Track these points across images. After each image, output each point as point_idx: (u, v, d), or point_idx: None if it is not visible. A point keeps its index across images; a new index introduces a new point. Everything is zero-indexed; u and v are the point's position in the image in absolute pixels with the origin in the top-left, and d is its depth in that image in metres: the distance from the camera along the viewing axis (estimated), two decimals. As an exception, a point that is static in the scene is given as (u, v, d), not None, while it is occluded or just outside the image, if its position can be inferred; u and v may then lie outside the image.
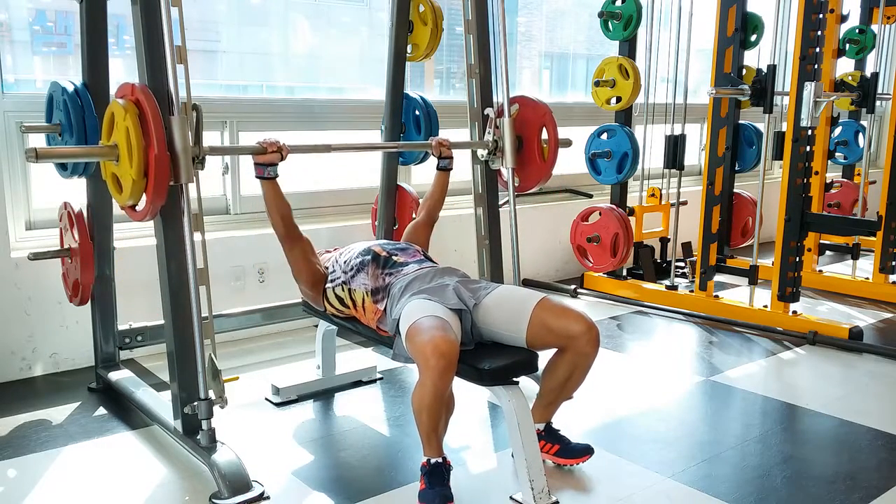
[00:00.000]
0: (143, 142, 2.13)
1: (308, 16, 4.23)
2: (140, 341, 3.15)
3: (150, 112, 2.13)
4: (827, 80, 4.29)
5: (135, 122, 2.13)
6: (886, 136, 4.66)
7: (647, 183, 4.88)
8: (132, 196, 2.19)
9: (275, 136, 2.48)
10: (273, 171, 2.46)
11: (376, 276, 2.50)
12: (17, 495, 2.24)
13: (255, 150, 2.44)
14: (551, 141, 3.08)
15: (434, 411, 2.06)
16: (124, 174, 2.19)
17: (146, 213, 2.23)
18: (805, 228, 3.80)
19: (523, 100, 3.11)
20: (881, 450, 2.63)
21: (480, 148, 3.11)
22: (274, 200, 2.49)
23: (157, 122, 2.13)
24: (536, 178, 3.13)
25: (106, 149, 2.22)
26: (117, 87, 2.28)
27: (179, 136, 2.20)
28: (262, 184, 2.48)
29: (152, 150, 2.12)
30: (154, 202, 2.19)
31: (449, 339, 2.07)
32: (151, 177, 2.14)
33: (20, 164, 3.19)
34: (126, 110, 2.13)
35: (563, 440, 2.44)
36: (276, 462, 2.46)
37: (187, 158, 2.21)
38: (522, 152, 3.11)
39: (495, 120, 3.04)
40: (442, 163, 2.93)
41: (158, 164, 2.13)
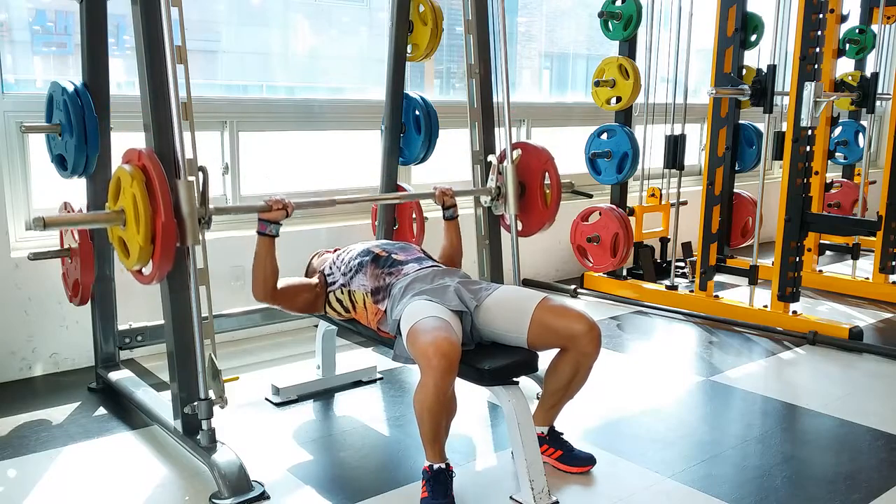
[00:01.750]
0: (150, 209, 2.13)
1: (308, 16, 4.23)
2: (140, 341, 3.15)
3: (157, 179, 2.13)
4: (827, 80, 4.29)
5: (142, 189, 2.12)
6: (886, 136, 4.66)
7: (647, 183, 4.88)
8: (139, 261, 2.20)
9: (280, 195, 2.46)
10: (275, 230, 2.44)
11: (376, 276, 2.50)
12: (17, 495, 2.24)
13: (261, 209, 2.43)
14: (553, 187, 3.10)
15: (436, 413, 2.06)
16: (131, 240, 2.20)
17: (153, 277, 2.24)
18: (805, 228, 3.80)
19: (525, 146, 3.14)
20: (881, 450, 2.63)
21: (483, 195, 3.12)
22: (265, 259, 2.45)
23: (163, 189, 2.13)
24: (539, 223, 3.16)
25: (113, 214, 2.22)
26: (123, 152, 2.27)
27: (186, 200, 2.20)
28: (261, 240, 2.44)
29: (159, 218, 2.12)
30: (161, 267, 2.19)
31: (451, 339, 2.07)
32: (158, 243, 2.14)
33: (20, 164, 3.18)
34: (133, 177, 2.13)
35: (567, 446, 2.44)
36: (276, 462, 2.46)
37: (194, 222, 2.21)
38: (525, 198, 3.13)
39: (498, 166, 3.05)
40: (447, 213, 2.85)
41: (165, 231, 2.13)
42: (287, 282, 2.57)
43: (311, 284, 2.65)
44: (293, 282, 2.61)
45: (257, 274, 2.46)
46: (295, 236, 3.63)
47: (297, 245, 3.40)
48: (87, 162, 2.73)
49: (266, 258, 2.45)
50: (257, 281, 2.47)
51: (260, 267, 2.45)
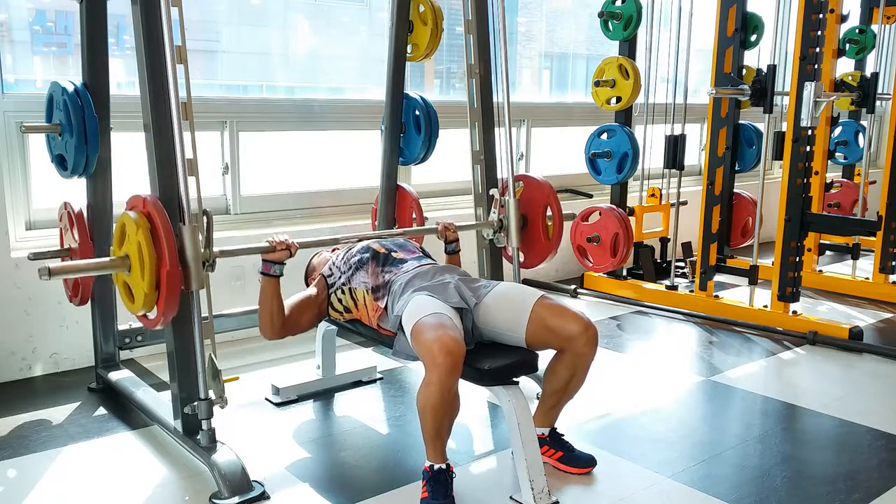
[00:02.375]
0: (154, 256, 2.13)
1: (308, 16, 4.23)
2: (140, 341, 3.15)
3: (162, 226, 2.14)
4: (827, 80, 4.29)
5: (146, 236, 2.13)
6: (886, 136, 4.66)
7: (647, 183, 4.88)
8: (144, 307, 2.20)
9: (283, 235, 2.46)
10: (279, 270, 2.43)
11: (376, 274, 2.50)
12: (17, 495, 2.24)
13: (264, 249, 2.42)
14: (556, 219, 3.11)
15: (439, 411, 2.06)
16: (136, 286, 2.20)
17: (157, 321, 2.24)
18: (805, 228, 3.80)
19: (527, 179, 3.15)
20: (881, 450, 2.63)
21: (486, 228, 3.12)
22: (271, 299, 2.44)
23: (168, 237, 2.13)
24: (541, 255, 3.18)
25: (118, 261, 2.23)
26: (128, 199, 2.27)
27: (190, 245, 2.20)
28: (265, 280, 2.43)
29: (164, 266, 2.13)
30: (166, 313, 2.20)
31: (455, 337, 2.07)
32: (163, 290, 2.15)
33: (20, 164, 3.19)
34: (138, 225, 2.14)
35: (568, 447, 2.44)
36: (276, 462, 2.46)
37: (198, 266, 2.21)
38: (527, 230, 3.15)
39: (500, 199, 3.06)
40: (449, 247, 2.85)
41: (170, 278, 2.14)
42: (290, 305, 2.54)
43: (312, 297, 2.62)
44: (295, 302, 2.58)
45: (264, 313, 2.46)
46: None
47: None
48: (87, 162, 2.73)
49: (272, 299, 2.44)
50: (264, 321, 2.46)
51: (266, 307, 2.45)
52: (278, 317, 2.47)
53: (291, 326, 2.54)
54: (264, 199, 3.91)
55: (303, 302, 2.60)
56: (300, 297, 2.62)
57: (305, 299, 2.61)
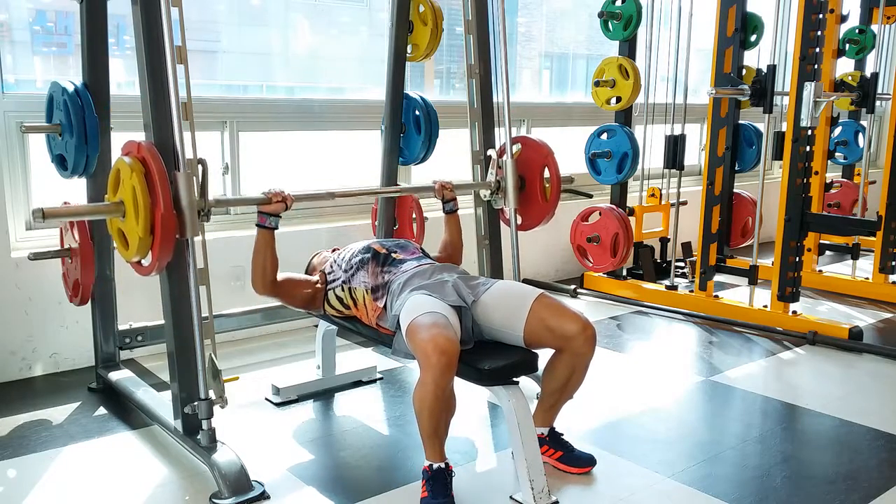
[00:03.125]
0: (149, 200, 2.13)
1: (308, 16, 4.23)
2: (140, 341, 3.15)
3: (156, 170, 2.14)
4: (827, 80, 4.29)
5: (141, 180, 2.13)
6: (886, 136, 4.66)
7: (647, 183, 4.88)
8: (139, 252, 2.20)
9: (279, 187, 2.47)
10: (275, 222, 2.46)
11: (376, 274, 2.51)
12: (17, 495, 2.24)
13: (260, 201, 2.44)
14: (553, 181, 3.10)
15: (435, 411, 2.06)
16: (130, 231, 2.20)
17: (152, 268, 2.24)
18: (805, 228, 3.80)
19: (525, 140, 3.14)
20: (881, 450, 2.63)
21: (483, 189, 3.12)
22: (264, 251, 2.47)
23: (163, 181, 2.13)
24: (539, 217, 3.16)
25: (112, 206, 2.23)
26: (123, 144, 2.27)
27: (185, 192, 2.21)
28: (260, 232, 2.46)
29: (158, 210, 2.13)
30: (160, 258, 2.20)
31: (449, 336, 2.07)
32: (158, 234, 2.15)
33: (20, 164, 3.18)
34: (132, 169, 2.14)
35: (567, 446, 2.44)
36: (276, 462, 2.46)
37: (193, 214, 2.22)
38: (525, 192, 3.14)
39: (497, 160, 3.05)
40: (447, 206, 2.87)
41: (165, 223, 2.14)
42: (287, 276, 2.60)
43: (311, 281, 2.68)
44: (293, 276, 2.64)
45: (256, 266, 2.48)
46: (295, 236, 3.63)
47: (298, 245, 3.41)
48: (88, 162, 2.73)
49: (266, 250, 2.47)
50: (256, 273, 2.49)
51: (259, 259, 2.47)
52: (271, 271, 2.49)
53: (282, 291, 2.57)
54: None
55: (302, 280, 2.66)
56: (302, 275, 2.69)
57: (305, 280, 2.67)
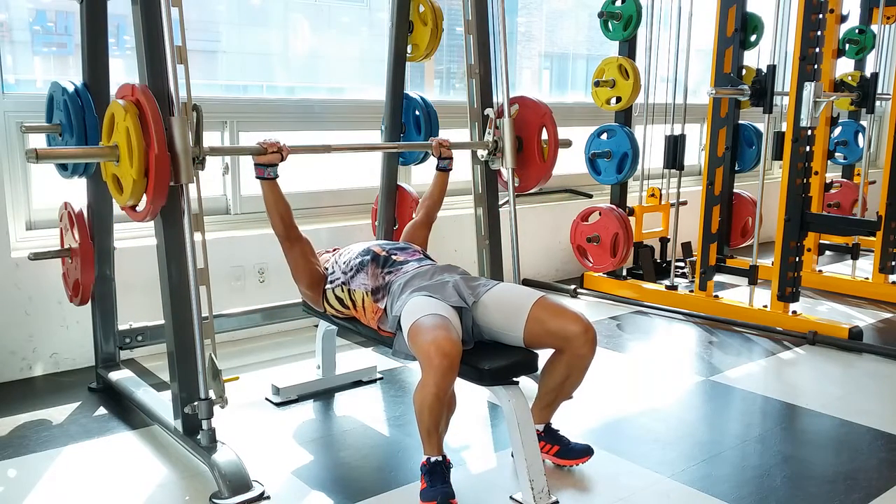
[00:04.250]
0: (143, 142, 2.13)
1: (308, 16, 4.23)
2: (140, 341, 3.15)
3: (151, 112, 2.13)
4: (827, 81, 4.29)
5: (135, 122, 2.13)
6: (886, 136, 4.66)
7: (647, 183, 4.88)
8: (133, 196, 2.20)
9: (275, 137, 2.48)
10: (273, 172, 2.47)
11: (376, 276, 2.51)
12: (17, 495, 2.24)
13: (255, 151, 2.45)
14: (551, 141, 3.08)
15: (435, 411, 2.06)
16: (125, 175, 2.20)
17: (147, 213, 2.24)
18: (805, 228, 3.80)
19: (523, 100, 3.11)
20: (881, 450, 2.63)
21: (480, 148, 3.11)
22: (274, 201, 2.50)
23: (157, 123, 2.13)
24: (536, 178, 3.13)
25: (106, 149, 2.23)
26: (117, 88, 2.28)
27: (180, 137, 2.20)
28: (262, 184, 2.48)
29: (152, 151, 2.12)
30: (154, 202, 2.19)
31: (451, 338, 2.07)
32: (152, 177, 2.14)
33: (21, 164, 3.19)
34: (126, 111, 2.14)
35: (563, 441, 2.44)
36: (276, 462, 2.46)
37: (187, 159, 2.22)
38: (522, 153, 3.12)
39: (495, 120, 3.05)
40: (442, 163, 2.94)
41: (159, 164, 2.13)
42: (307, 238, 2.62)
43: (320, 262, 2.69)
44: (310, 245, 2.65)
45: (272, 214, 2.52)
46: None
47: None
48: (88, 162, 2.73)
49: (274, 198, 2.50)
50: (274, 220, 2.53)
51: (272, 207, 2.51)
52: (286, 214, 2.53)
53: (298, 247, 2.59)
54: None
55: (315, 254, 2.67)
56: None
57: (317, 257, 2.69)
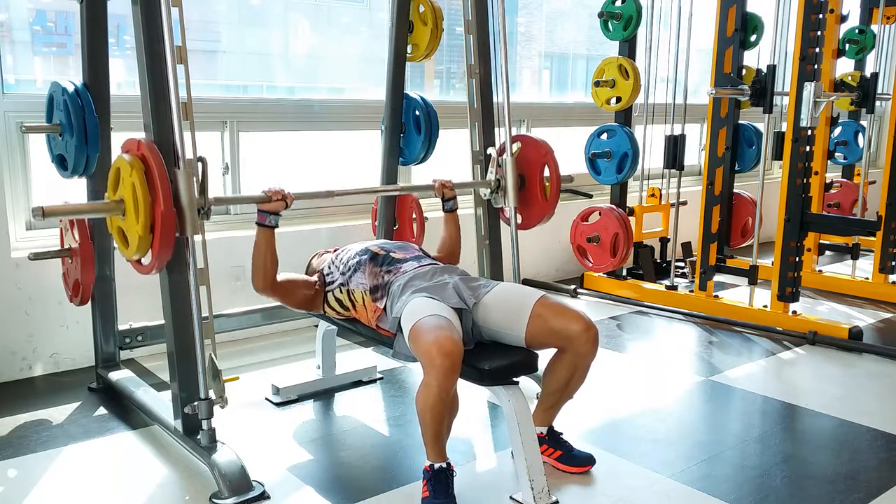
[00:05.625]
0: (149, 198, 2.13)
1: (308, 16, 4.23)
2: (140, 341, 3.16)
3: (156, 168, 2.14)
4: (827, 81, 4.29)
5: (141, 178, 2.13)
6: (886, 136, 4.66)
7: (647, 183, 4.88)
8: (139, 251, 2.20)
9: (279, 185, 2.47)
10: (275, 221, 2.45)
11: (374, 274, 2.51)
12: (17, 495, 2.24)
13: (260, 199, 2.44)
14: (553, 180, 3.10)
15: (438, 412, 2.06)
16: (130, 229, 2.20)
17: (152, 267, 2.24)
18: (805, 228, 3.80)
19: (525, 138, 3.14)
20: (881, 450, 2.63)
21: (483, 187, 3.11)
22: (265, 250, 2.46)
23: (162, 178, 2.13)
24: (539, 216, 3.16)
25: (112, 204, 2.23)
26: (123, 143, 2.27)
27: (185, 190, 2.20)
28: (260, 231, 2.45)
29: (158, 207, 2.13)
30: (160, 257, 2.20)
31: (453, 337, 2.07)
32: (157, 233, 2.15)
33: (20, 164, 3.19)
34: (132, 166, 2.14)
35: (566, 446, 2.44)
36: (276, 462, 2.46)
37: (193, 212, 2.22)
38: (524, 191, 3.13)
39: (497, 159, 3.05)
40: (447, 205, 2.86)
41: (165, 220, 2.14)
42: (287, 276, 2.59)
43: (310, 282, 2.67)
44: (293, 277, 2.63)
45: (257, 264, 2.48)
46: (295, 236, 3.64)
47: (297, 245, 3.41)
48: (88, 162, 2.73)
49: (266, 249, 2.46)
50: (257, 271, 2.48)
51: (260, 258, 2.47)
52: (271, 269, 2.49)
53: (282, 291, 2.56)
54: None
55: (302, 281, 2.65)
56: (302, 276, 2.68)
57: (304, 280, 2.66)
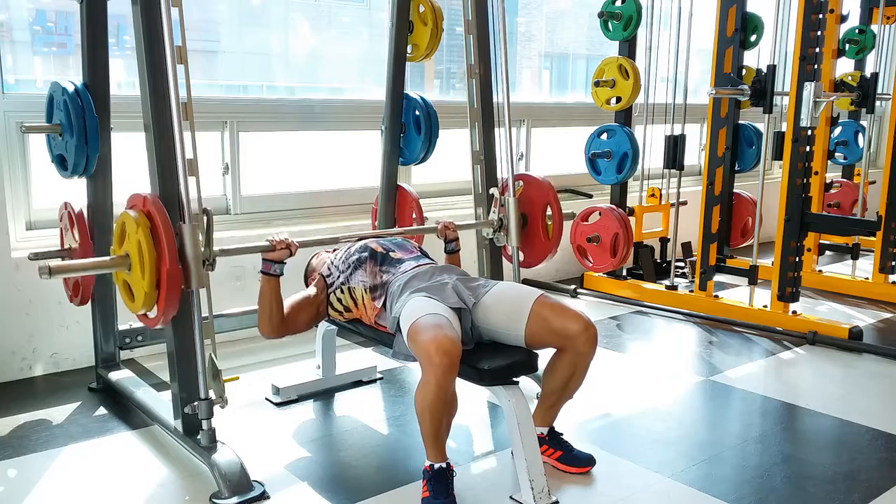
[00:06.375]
0: (154, 254, 2.14)
1: (308, 16, 4.23)
2: (140, 341, 3.15)
3: (162, 225, 2.14)
4: (827, 81, 4.28)
5: (146, 235, 2.14)
6: (886, 136, 4.66)
7: (647, 183, 4.88)
8: (145, 306, 2.21)
9: (283, 234, 2.46)
10: (279, 269, 2.44)
11: (374, 273, 2.51)
12: (17, 495, 2.24)
13: (264, 249, 2.43)
14: (555, 218, 3.11)
15: (437, 411, 2.06)
16: (136, 284, 2.21)
17: (158, 320, 2.25)
18: (805, 228, 3.80)
19: (527, 178, 3.15)
20: (881, 450, 2.63)
21: (485, 227, 3.12)
22: (270, 297, 2.44)
23: (168, 235, 2.14)
24: (541, 255, 3.18)
25: (118, 259, 2.24)
26: (128, 198, 2.28)
27: (190, 244, 2.21)
28: (265, 280, 2.44)
29: (164, 265, 2.14)
30: (166, 311, 2.21)
31: (451, 337, 2.07)
32: (163, 288, 2.16)
33: (21, 164, 3.19)
34: (138, 224, 2.15)
35: (567, 446, 2.44)
36: (276, 462, 2.46)
37: (198, 265, 2.22)
38: (527, 230, 3.15)
39: (500, 198, 3.06)
40: (449, 246, 2.84)
41: (170, 277, 2.14)
42: (289, 304, 2.55)
43: (311, 297, 2.62)
44: (295, 301, 2.58)
45: (263, 312, 2.46)
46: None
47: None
48: (88, 162, 2.73)
49: (271, 297, 2.44)
50: (263, 319, 2.47)
51: (265, 306, 2.45)
52: (277, 315, 2.47)
53: (290, 326, 2.54)
54: (264, 199, 3.91)
55: (302, 301, 2.60)
56: (299, 296, 2.62)
57: (304, 299, 2.61)
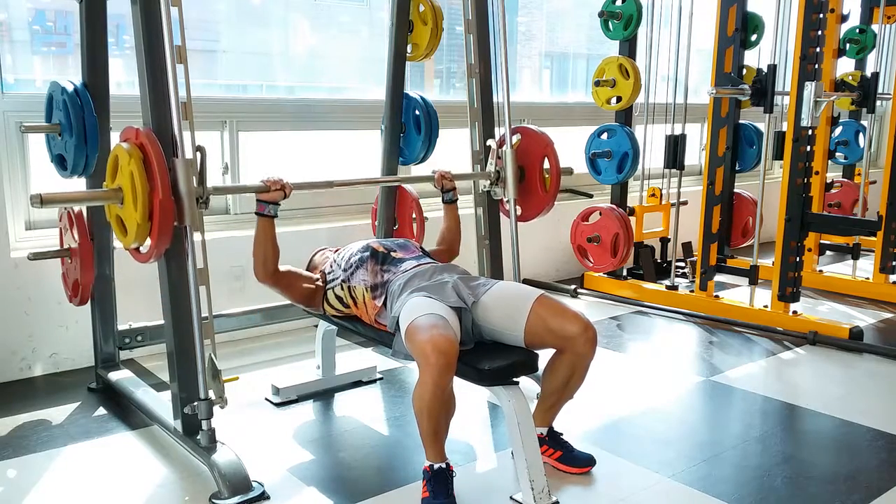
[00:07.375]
0: (147, 186, 2.14)
1: (308, 16, 4.23)
2: (140, 341, 3.15)
3: (155, 156, 2.14)
4: (827, 80, 4.29)
5: (139, 166, 2.14)
6: (887, 136, 4.66)
7: (647, 183, 4.88)
8: (137, 239, 2.21)
9: (278, 175, 2.47)
10: (274, 210, 2.46)
11: (375, 273, 2.51)
12: (17, 495, 2.24)
13: (258, 189, 2.45)
14: (553, 171, 3.09)
15: (435, 411, 2.06)
16: (129, 217, 2.21)
17: (151, 255, 2.24)
18: (805, 228, 3.80)
19: (525, 130, 3.13)
20: (881, 450, 2.63)
21: (483, 179, 3.11)
22: (264, 240, 2.47)
23: (161, 167, 2.14)
24: (538, 208, 3.15)
25: (111, 192, 2.23)
26: (122, 131, 2.28)
27: (183, 179, 2.21)
28: (260, 221, 2.46)
29: (157, 196, 2.13)
30: (159, 245, 2.20)
31: (448, 336, 2.07)
32: (156, 221, 2.15)
33: (20, 164, 3.19)
34: (130, 155, 2.14)
35: (566, 446, 2.44)
36: (276, 462, 2.46)
37: (191, 201, 2.22)
38: (524, 182, 3.13)
39: (497, 150, 3.05)
40: (446, 196, 2.88)
41: (163, 208, 2.14)
42: (289, 268, 2.62)
43: (311, 277, 2.70)
44: (296, 269, 2.67)
45: (257, 254, 2.50)
46: (295, 236, 3.63)
47: (298, 245, 3.39)
48: (87, 162, 2.73)
49: (266, 239, 2.48)
50: (258, 261, 2.51)
51: (260, 247, 2.49)
52: (272, 260, 2.51)
53: (283, 282, 2.59)
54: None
55: (303, 275, 2.69)
56: (303, 271, 2.71)
57: (306, 275, 2.70)
